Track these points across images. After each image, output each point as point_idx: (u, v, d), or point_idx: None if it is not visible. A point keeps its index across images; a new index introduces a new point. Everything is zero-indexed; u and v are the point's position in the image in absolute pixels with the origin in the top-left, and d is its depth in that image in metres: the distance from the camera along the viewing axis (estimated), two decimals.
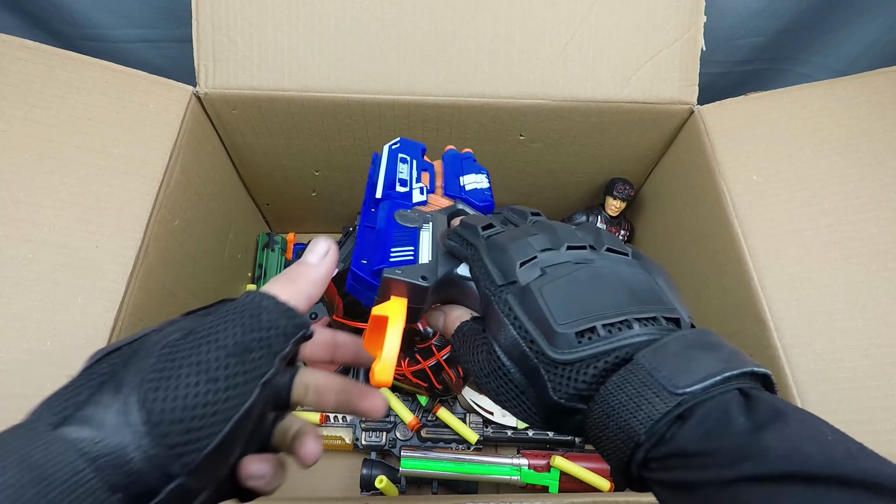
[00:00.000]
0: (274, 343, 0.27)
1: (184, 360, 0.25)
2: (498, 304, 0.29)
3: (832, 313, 0.52)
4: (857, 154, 0.58)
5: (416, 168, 0.42)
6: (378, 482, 0.69)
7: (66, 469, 0.21)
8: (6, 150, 0.52)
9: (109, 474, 0.22)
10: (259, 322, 0.26)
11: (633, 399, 0.24)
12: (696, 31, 0.64)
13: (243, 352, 0.25)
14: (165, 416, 0.23)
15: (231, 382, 0.25)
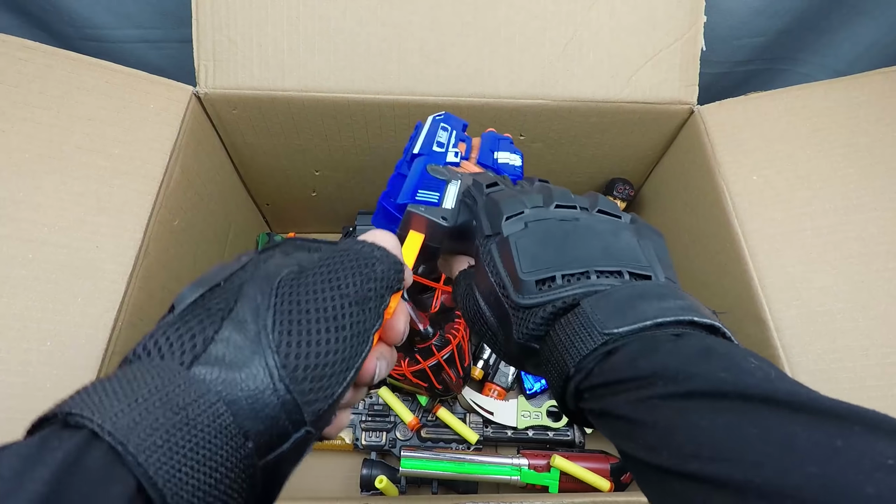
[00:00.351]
0: (385, 294, 0.27)
1: (310, 304, 0.24)
2: (482, 253, 0.32)
3: (832, 313, 0.52)
4: (857, 154, 0.58)
5: (454, 137, 0.45)
6: (378, 482, 0.69)
7: (208, 412, 0.21)
8: (6, 150, 0.52)
9: (246, 420, 0.22)
10: (374, 272, 0.26)
11: (570, 338, 0.27)
12: (696, 31, 0.64)
13: (363, 300, 0.25)
14: (300, 361, 0.23)
15: (355, 331, 0.25)
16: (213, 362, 0.22)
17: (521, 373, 0.80)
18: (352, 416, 0.76)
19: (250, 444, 0.22)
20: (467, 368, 0.71)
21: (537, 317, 0.29)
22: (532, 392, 0.79)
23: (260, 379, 0.22)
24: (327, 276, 0.25)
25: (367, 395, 0.78)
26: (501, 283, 0.30)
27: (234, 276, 0.26)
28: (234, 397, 0.22)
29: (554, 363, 0.28)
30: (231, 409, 0.21)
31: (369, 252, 0.27)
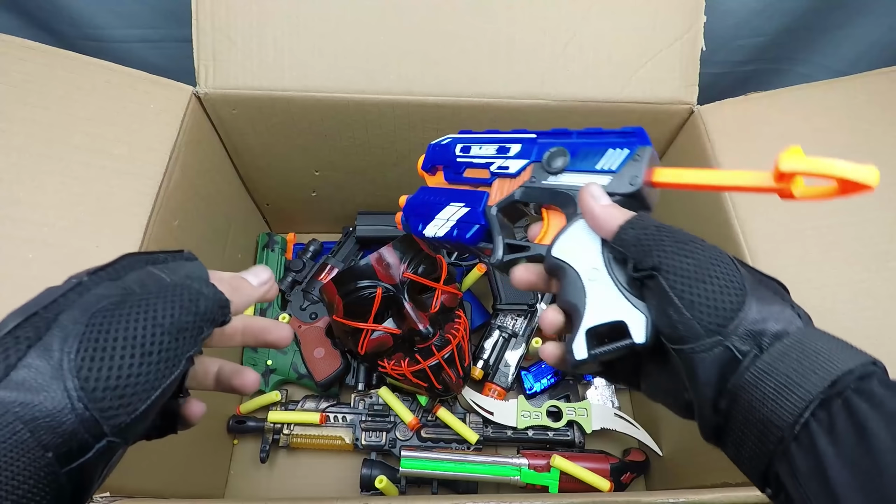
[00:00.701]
0: (205, 328, 0.30)
1: (119, 332, 0.27)
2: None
3: (832, 313, 0.52)
4: (857, 154, 0.58)
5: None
6: (378, 482, 0.69)
7: (6, 429, 0.24)
8: (6, 150, 0.52)
9: (44, 435, 0.24)
10: (197, 307, 0.29)
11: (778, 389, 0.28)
12: (696, 31, 0.64)
13: (178, 331, 0.28)
14: (100, 384, 0.25)
15: (163, 357, 0.27)
16: (13, 387, 0.25)
17: (521, 372, 0.80)
18: (352, 417, 0.76)
19: (49, 454, 0.24)
20: (467, 368, 0.71)
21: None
22: (532, 392, 0.79)
23: (58, 400, 0.25)
24: (146, 307, 0.28)
25: (368, 395, 0.78)
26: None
27: (55, 302, 0.28)
28: (32, 416, 0.24)
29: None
30: (28, 427, 0.24)
31: (197, 290, 0.30)
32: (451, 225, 0.42)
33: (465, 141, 0.45)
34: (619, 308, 0.32)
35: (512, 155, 0.41)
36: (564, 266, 0.35)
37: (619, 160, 0.37)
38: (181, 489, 0.62)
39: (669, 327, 0.30)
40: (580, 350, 0.33)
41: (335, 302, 0.68)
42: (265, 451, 0.75)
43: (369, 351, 0.68)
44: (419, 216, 0.45)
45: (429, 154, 0.47)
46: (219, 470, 0.76)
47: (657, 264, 0.31)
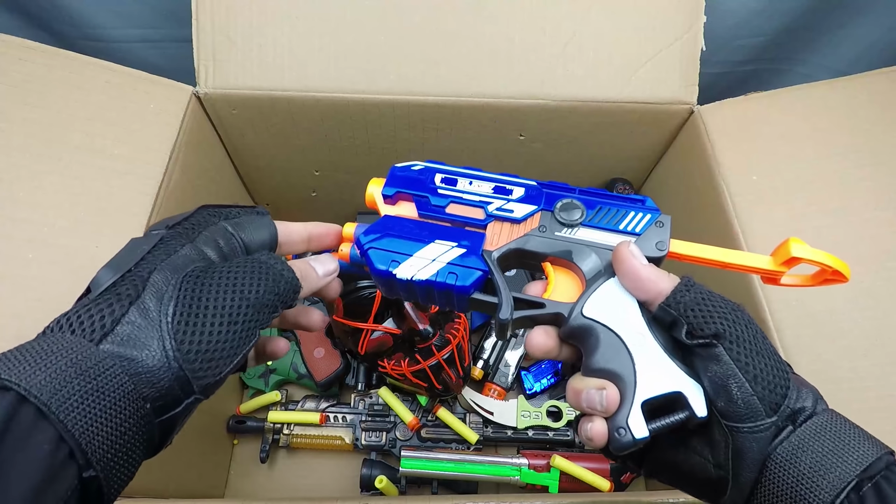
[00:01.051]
0: (279, 307, 0.32)
1: (210, 300, 0.29)
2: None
3: (832, 313, 0.52)
4: (857, 154, 0.58)
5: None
6: (378, 482, 0.69)
7: (114, 381, 0.26)
8: (6, 150, 0.52)
9: (144, 388, 0.27)
10: (277, 287, 0.32)
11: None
12: (696, 31, 0.64)
13: (261, 306, 0.31)
14: (193, 346, 0.28)
15: (245, 327, 0.30)
16: (119, 342, 0.27)
17: (521, 372, 0.80)
18: (352, 417, 0.76)
19: (148, 405, 0.27)
20: (467, 368, 0.71)
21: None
22: (532, 392, 0.79)
23: (157, 358, 0.27)
24: (234, 280, 0.31)
25: (368, 395, 0.78)
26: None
27: (144, 260, 0.30)
28: (136, 371, 0.27)
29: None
30: (133, 380, 0.27)
31: (279, 271, 0.32)
32: (438, 267, 0.35)
33: (448, 172, 0.39)
34: (675, 377, 0.30)
35: (516, 198, 0.37)
36: (601, 329, 0.32)
37: (642, 223, 0.35)
38: (181, 489, 0.62)
39: (728, 402, 0.28)
40: (639, 427, 0.29)
41: (335, 302, 0.68)
42: (265, 451, 0.75)
43: (369, 351, 0.68)
44: (387, 252, 0.36)
45: (394, 178, 0.40)
46: (219, 470, 0.76)
47: (720, 332, 0.29)
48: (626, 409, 0.30)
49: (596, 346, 0.32)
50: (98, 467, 0.25)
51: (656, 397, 0.30)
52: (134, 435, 0.27)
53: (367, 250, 0.36)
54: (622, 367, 0.31)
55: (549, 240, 0.36)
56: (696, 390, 0.30)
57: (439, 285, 0.35)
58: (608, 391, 0.30)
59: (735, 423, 0.28)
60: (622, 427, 0.30)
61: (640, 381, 0.30)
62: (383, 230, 0.37)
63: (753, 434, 0.28)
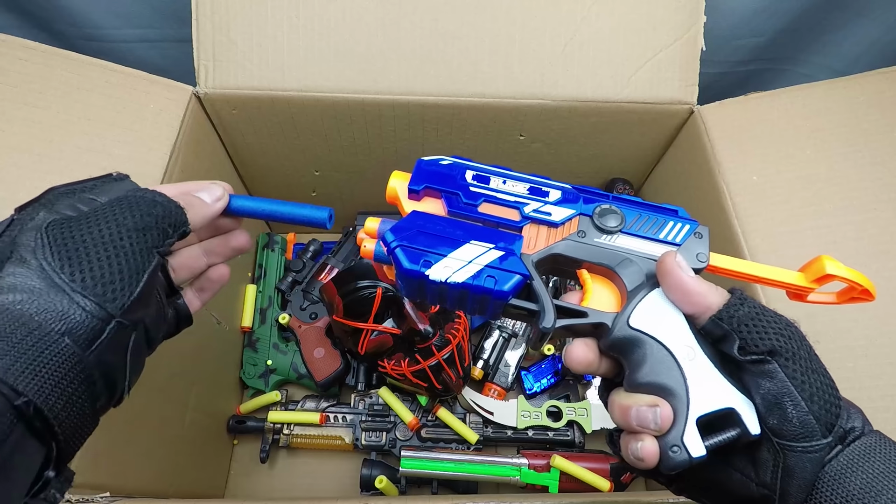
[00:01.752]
0: (165, 227, 0.32)
1: (85, 236, 0.29)
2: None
3: (832, 313, 0.52)
4: (857, 154, 0.58)
5: None
6: (378, 482, 0.69)
7: (16, 321, 0.26)
8: (6, 150, 0.52)
9: (54, 324, 0.27)
10: (153, 209, 0.32)
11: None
12: (696, 31, 0.64)
13: (143, 229, 0.31)
14: (87, 275, 0.28)
15: (136, 249, 0.30)
16: (7, 290, 0.27)
17: (521, 372, 0.80)
18: (352, 417, 0.76)
19: (67, 339, 0.27)
20: (467, 368, 0.71)
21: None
22: (532, 392, 0.79)
23: (54, 295, 0.27)
24: (104, 215, 0.31)
25: (368, 395, 0.78)
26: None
27: (3, 234, 0.30)
28: (36, 310, 0.27)
29: None
30: (37, 318, 0.27)
31: (150, 198, 0.33)
32: (476, 269, 0.32)
33: (479, 170, 0.36)
34: (727, 393, 0.29)
35: (553, 200, 0.35)
36: (649, 341, 0.30)
37: (682, 234, 0.34)
38: (181, 489, 0.62)
39: (783, 421, 0.27)
40: (695, 445, 0.28)
41: (335, 302, 0.68)
42: (265, 451, 0.75)
43: (369, 351, 0.68)
44: (418, 251, 0.33)
45: (422, 172, 0.36)
46: (219, 470, 0.76)
47: (775, 348, 0.28)
48: (680, 426, 0.29)
49: (643, 358, 0.30)
50: (29, 392, 0.25)
51: (709, 413, 0.29)
52: (61, 365, 0.27)
53: (395, 248, 0.33)
54: (673, 382, 0.29)
55: (589, 246, 0.34)
56: (749, 407, 0.29)
57: (476, 289, 0.32)
58: (662, 409, 0.29)
59: (789, 442, 0.27)
60: (676, 445, 0.28)
61: (692, 396, 0.29)
62: (413, 227, 0.34)
63: (807, 454, 0.27)
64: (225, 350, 0.77)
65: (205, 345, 0.69)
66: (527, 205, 0.35)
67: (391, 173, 0.37)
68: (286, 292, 0.83)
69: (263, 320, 0.81)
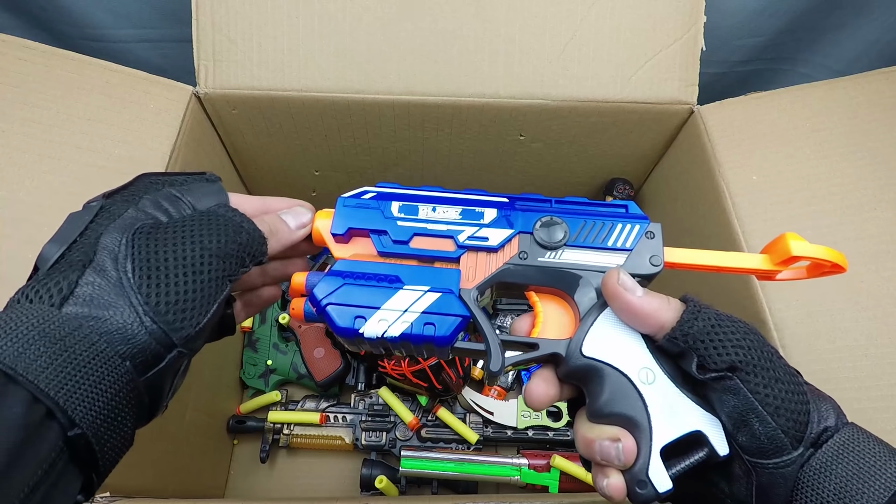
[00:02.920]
0: (246, 259, 0.31)
1: (168, 253, 0.29)
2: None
3: (832, 313, 0.52)
4: (857, 154, 0.58)
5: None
6: (378, 482, 0.69)
7: (84, 341, 0.26)
8: (6, 150, 0.52)
9: (119, 346, 0.27)
10: (239, 237, 0.31)
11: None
12: (696, 31, 0.64)
13: (224, 255, 0.30)
14: (162, 299, 0.28)
15: (213, 276, 0.29)
16: (82, 303, 0.27)
17: (521, 372, 0.80)
18: (352, 417, 0.76)
19: (128, 363, 0.27)
20: (467, 368, 0.71)
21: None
22: None
23: (126, 314, 0.27)
24: (190, 231, 0.30)
25: (368, 395, 0.78)
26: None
27: (88, 229, 0.30)
28: (106, 329, 0.26)
29: None
30: (105, 339, 0.26)
31: (238, 222, 0.32)
32: (412, 319, 0.30)
33: (405, 198, 0.34)
34: (691, 415, 0.27)
35: (488, 222, 0.33)
36: (605, 368, 0.28)
37: (632, 236, 0.32)
38: (181, 489, 0.62)
39: (751, 438, 0.26)
40: (661, 479, 0.26)
41: None
42: (265, 451, 0.75)
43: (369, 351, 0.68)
44: (349, 307, 0.31)
45: (344, 212, 0.33)
46: (219, 470, 0.76)
47: (735, 363, 0.27)
48: (644, 460, 0.27)
49: (601, 388, 0.29)
50: (84, 424, 0.25)
51: (674, 440, 0.27)
52: (117, 392, 0.26)
53: (325, 307, 0.31)
54: (634, 412, 0.28)
55: (533, 268, 0.32)
56: (715, 427, 0.27)
57: (415, 338, 0.30)
58: (624, 443, 0.27)
59: (759, 460, 0.26)
60: (642, 480, 0.27)
61: (655, 425, 0.27)
62: (340, 280, 0.32)
63: (779, 469, 0.26)
64: (225, 350, 0.77)
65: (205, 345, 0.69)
66: (461, 232, 0.33)
67: (316, 212, 0.35)
68: (286, 292, 0.83)
69: (263, 320, 0.82)
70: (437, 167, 0.77)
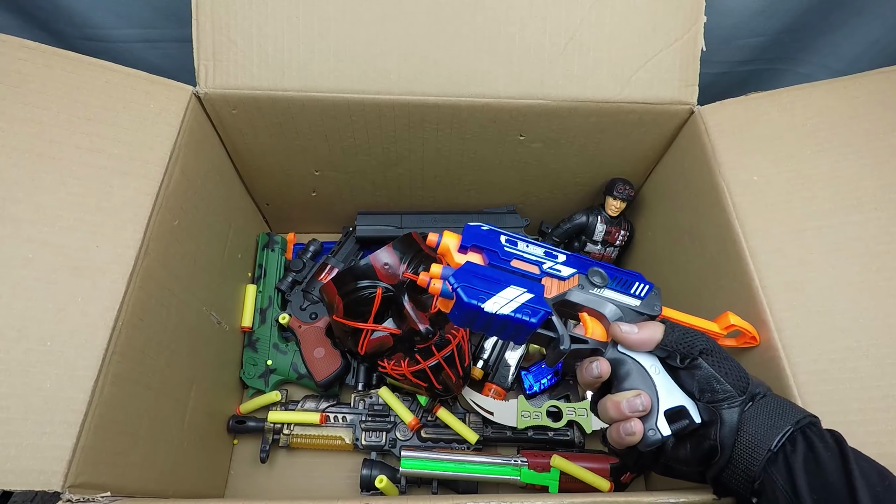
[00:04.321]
0: None
1: None
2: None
3: (832, 313, 0.52)
4: (857, 154, 0.58)
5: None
6: (378, 482, 0.69)
7: None
8: (6, 150, 0.52)
9: None
10: None
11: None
12: (696, 32, 0.64)
13: None
14: None
15: None
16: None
17: (521, 372, 0.80)
18: (352, 417, 0.76)
19: None
20: (467, 368, 0.71)
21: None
22: (532, 392, 0.79)
23: None
24: None
25: (368, 395, 0.78)
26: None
27: None
28: None
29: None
30: None
31: None
32: (516, 305, 0.43)
33: (508, 235, 0.49)
34: (679, 395, 0.43)
35: (561, 261, 0.48)
36: (632, 361, 0.44)
37: (644, 290, 0.48)
38: (181, 489, 0.62)
39: (713, 393, 0.42)
40: (665, 427, 0.42)
41: (335, 302, 0.68)
42: (265, 451, 0.75)
43: (369, 351, 0.68)
44: (477, 289, 0.44)
45: (468, 234, 0.48)
46: (219, 470, 0.76)
47: (703, 350, 0.43)
48: (654, 416, 0.42)
49: (629, 372, 0.44)
50: None
51: (671, 408, 0.42)
52: None
53: (457, 288, 0.43)
54: (648, 387, 0.43)
55: (587, 295, 0.47)
56: (692, 405, 0.43)
57: (515, 319, 0.43)
58: (644, 397, 0.43)
59: (719, 404, 0.42)
60: (652, 429, 0.42)
61: (660, 396, 0.43)
62: (472, 271, 0.45)
63: (732, 408, 0.42)
64: (225, 350, 0.77)
65: (205, 345, 0.69)
66: (544, 263, 0.47)
67: (443, 232, 0.48)
68: (286, 292, 0.83)
69: (263, 320, 0.81)
70: (438, 167, 0.77)
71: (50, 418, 0.45)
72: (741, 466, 0.41)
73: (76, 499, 0.44)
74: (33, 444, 0.44)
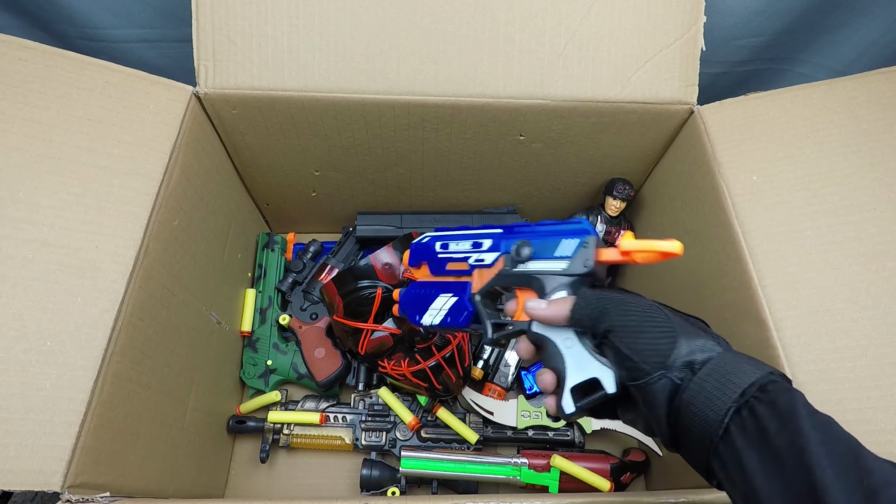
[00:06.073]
0: None
1: None
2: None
3: (832, 313, 0.52)
4: (857, 154, 0.58)
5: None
6: (390, 493, 0.69)
7: None
8: (6, 150, 0.52)
9: None
10: None
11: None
12: (696, 31, 0.64)
13: None
14: None
15: None
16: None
17: (521, 372, 0.80)
18: (352, 417, 0.76)
19: None
20: (467, 368, 0.71)
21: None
22: (532, 392, 0.79)
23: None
24: None
25: (368, 395, 0.78)
26: None
27: None
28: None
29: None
30: None
31: None
32: (444, 313, 0.48)
33: (443, 238, 0.51)
34: (592, 367, 0.41)
35: (485, 249, 0.48)
36: (544, 338, 0.43)
37: (572, 248, 0.45)
38: (181, 489, 0.62)
39: (626, 370, 0.38)
40: (568, 405, 0.41)
41: (335, 302, 0.68)
42: (265, 451, 0.75)
43: (369, 351, 0.68)
44: (415, 309, 0.50)
45: (413, 252, 0.53)
46: (219, 470, 0.76)
47: (608, 328, 0.39)
48: (561, 394, 0.41)
49: (545, 350, 0.43)
50: None
51: (580, 383, 0.41)
52: None
53: (404, 309, 0.51)
54: (559, 364, 0.42)
55: (512, 275, 0.46)
56: (608, 375, 0.40)
57: (447, 325, 0.48)
58: (547, 374, 0.43)
59: (633, 383, 0.38)
60: (559, 405, 0.41)
61: (568, 373, 0.41)
62: (411, 293, 0.52)
63: (648, 386, 0.37)
64: (225, 350, 0.77)
65: (205, 345, 0.69)
66: (470, 257, 0.49)
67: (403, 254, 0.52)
68: (286, 293, 0.83)
69: (263, 320, 0.82)
70: (437, 167, 0.77)
71: (49, 418, 0.45)
72: (692, 447, 0.38)
73: (76, 499, 0.44)
74: (33, 444, 0.44)
